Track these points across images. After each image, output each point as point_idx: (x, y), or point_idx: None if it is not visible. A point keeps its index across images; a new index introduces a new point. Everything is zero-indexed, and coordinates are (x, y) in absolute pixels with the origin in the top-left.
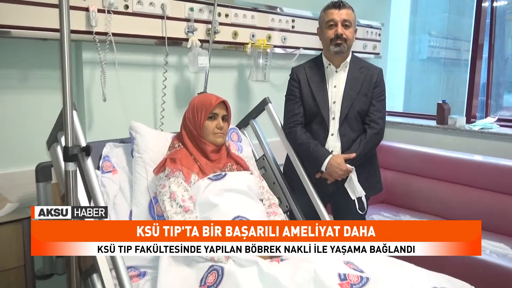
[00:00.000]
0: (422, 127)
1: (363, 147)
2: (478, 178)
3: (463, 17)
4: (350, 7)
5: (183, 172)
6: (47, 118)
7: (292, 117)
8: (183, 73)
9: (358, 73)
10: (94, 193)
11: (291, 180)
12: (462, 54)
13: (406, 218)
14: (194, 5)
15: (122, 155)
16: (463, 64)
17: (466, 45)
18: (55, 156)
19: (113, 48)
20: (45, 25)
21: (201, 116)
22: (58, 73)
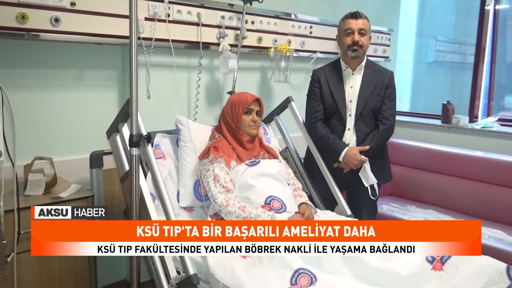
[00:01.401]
0: (428, 126)
1: (375, 141)
2: (478, 172)
3: (469, 20)
4: (366, 17)
5: (224, 158)
6: (98, 112)
7: (313, 114)
8: (213, 74)
9: (372, 75)
10: (154, 174)
11: (311, 170)
12: (467, 57)
13: (412, 208)
14: (225, 14)
15: (169, 144)
16: (468, 68)
17: (471, 49)
18: (115, 144)
19: (162, 52)
20: (99, 31)
21: (238, 111)
22: (107, 73)
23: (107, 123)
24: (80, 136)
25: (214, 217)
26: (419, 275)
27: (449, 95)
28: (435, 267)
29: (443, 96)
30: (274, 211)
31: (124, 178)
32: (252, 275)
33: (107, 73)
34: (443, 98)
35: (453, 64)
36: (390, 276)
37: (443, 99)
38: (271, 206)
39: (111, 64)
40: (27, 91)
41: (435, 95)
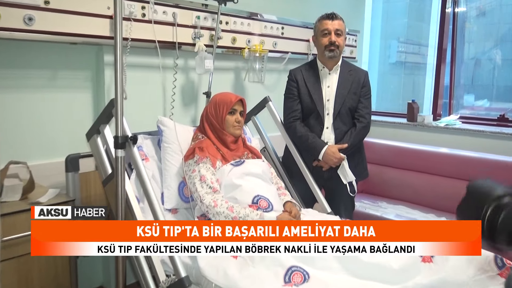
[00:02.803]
0: (394, 124)
1: (353, 138)
2: (444, 168)
3: (422, 22)
4: (341, 18)
5: (210, 159)
6: (72, 113)
7: (292, 113)
8: (188, 75)
9: (348, 75)
10: (141, 175)
11: (289, 168)
12: (421, 58)
13: (384, 204)
14: (200, 14)
15: (151, 146)
16: (422, 68)
17: (424, 50)
18: (96, 147)
19: (137, 52)
20: (75, 31)
21: (222, 111)
22: (82, 73)
23: (82, 125)
24: (54, 138)
25: (201, 218)
26: (410, 267)
27: (404, 94)
28: (425, 259)
29: (399, 95)
30: (262, 210)
31: (107, 180)
32: (245, 274)
33: (82, 74)
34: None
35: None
36: (382, 269)
37: (400, 98)
38: (258, 205)
39: (86, 65)
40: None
41: (394, 94)
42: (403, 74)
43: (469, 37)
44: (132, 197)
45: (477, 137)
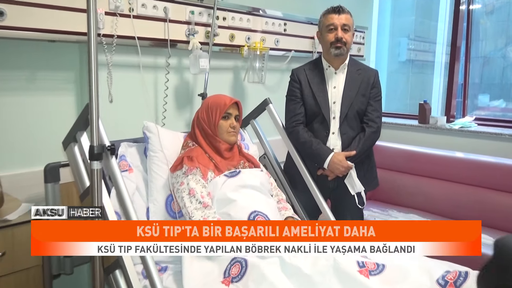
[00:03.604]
0: (404, 126)
1: (362, 145)
2: (459, 174)
3: (430, 20)
4: (349, 12)
5: (200, 169)
6: (53, 118)
7: (294, 117)
8: (182, 75)
9: (356, 74)
10: (119, 191)
11: (292, 177)
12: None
13: (394, 213)
14: (194, 9)
15: (136, 155)
16: (430, 66)
17: (433, 47)
18: (73, 156)
19: (125, 50)
20: (53, 27)
21: (215, 116)
22: (63, 74)
23: (63, 131)
24: (33, 146)
25: None
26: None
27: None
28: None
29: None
30: None
31: (84, 195)
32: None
33: (63, 75)
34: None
35: (419, 63)
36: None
37: (408, 97)
38: None
39: (68, 64)
40: None
41: (402, 94)
42: (411, 73)
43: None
44: (111, 215)
45: (494, 140)
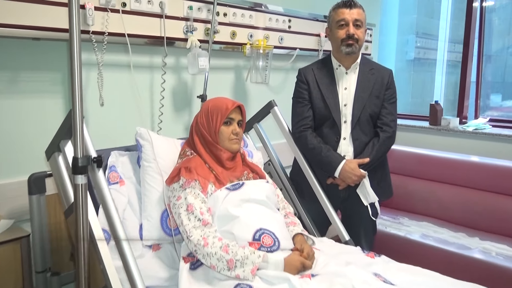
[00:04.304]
0: (415, 128)
1: (376, 151)
2: (475, 179)
3: (432, 18)
4: (361, 6)
5: (199, 182)
6: (38, 124)
7: (302, 121)
8: (180, 75)
9: (369, 74)
10: (108, 210)
11: (299, 185)
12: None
13: (406, 221)
14: (193, 4)
15: (128, 164)
16: (432, 64)
17: (435, 45)
18: (57, 168)
19: (117, 49)
20: (38, 24)
21: (216, 121)
22: (50, 75)
23: (50, 137)
24: (16, 154)
25: (188, 259)
26: None
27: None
28: None
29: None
30: (265, 249)
31: (68, 212)
32: None
33: (50, 76)
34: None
35: (423, 61)
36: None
37: (408, 97)
38: (261, 243)
39: (54, 64)
40: None
41: (405, 93)
42: (412, 71)
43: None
44: (98, 235)
45: (511, 143)
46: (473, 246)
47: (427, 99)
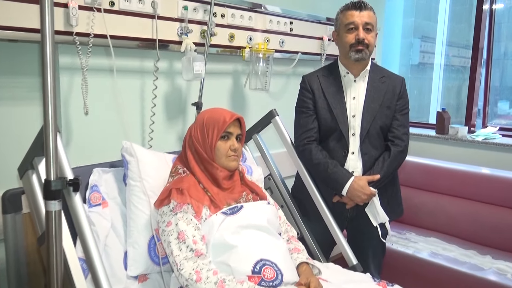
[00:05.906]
0: (421, 137)
1: (387, 167)
2: (485, 192)
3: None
4: (372, 8)
5: (192, 206)
6: (15, 134)
7: (306, 133)
8: (174, 81)
9: (380, 83)
10: (85, 242)
11: (301, 202)
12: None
13: (413, 237)
14: (188, 4)
15: (113, 183)
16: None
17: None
18: (30, 188)
19: (104, 52)
20: (15, 24)
21: (212, 136)
22: (27, 81)
23: (27, 149)
24: None
25: None
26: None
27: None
28: None
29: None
30: (267, 283)
31: (41, 240)
32: None
33: (28, 81)
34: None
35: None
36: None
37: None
38: (262, 277)
39: (33, 69)
40: None
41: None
42: (409, 75)
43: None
44: (74, 267)
45: None
46: (486, 266)
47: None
